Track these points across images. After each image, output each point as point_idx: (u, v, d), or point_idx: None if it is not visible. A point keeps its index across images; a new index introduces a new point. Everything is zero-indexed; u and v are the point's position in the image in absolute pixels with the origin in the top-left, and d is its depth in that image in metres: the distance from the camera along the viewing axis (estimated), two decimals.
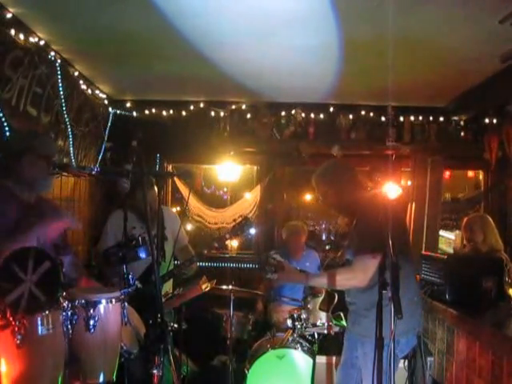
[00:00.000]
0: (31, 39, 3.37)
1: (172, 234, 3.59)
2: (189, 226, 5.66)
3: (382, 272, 2.22)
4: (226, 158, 5.39)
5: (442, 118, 5.26)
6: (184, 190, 5.52)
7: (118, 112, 5.17)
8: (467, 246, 4.26)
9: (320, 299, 3.70)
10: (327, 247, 5.56)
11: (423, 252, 4.37)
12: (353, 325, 2.80)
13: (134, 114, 5.21)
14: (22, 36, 3.25)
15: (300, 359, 3.61)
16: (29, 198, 2.55)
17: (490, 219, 4.28)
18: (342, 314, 2.99)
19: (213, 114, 5.24)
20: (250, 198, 5.60)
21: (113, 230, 3.60)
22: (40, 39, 3.47)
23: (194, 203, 5.54)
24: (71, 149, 4.34)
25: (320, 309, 3.13)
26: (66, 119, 4.12)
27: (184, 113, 5.20)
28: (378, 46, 3.54)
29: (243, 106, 5.25)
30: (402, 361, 3.13)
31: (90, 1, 2.97)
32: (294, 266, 4.55)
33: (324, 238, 6.27)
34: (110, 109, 5.12)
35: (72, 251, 2.76)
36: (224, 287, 3.80)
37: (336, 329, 3.63)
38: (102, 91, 4.83)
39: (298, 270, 3.00)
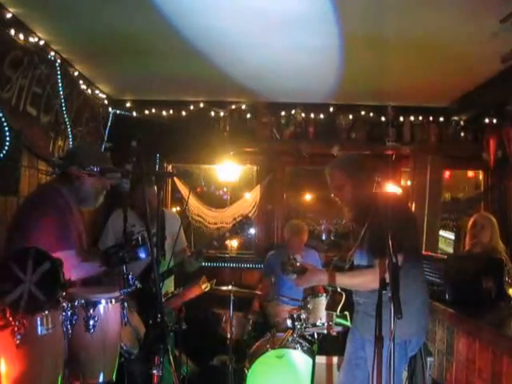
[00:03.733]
0: (31, 39, 3.37)
1: (171, 234, 3.58)
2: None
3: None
4: (225, 158, 5.39)
5: (441, 118, 5.26)
6: (184, 190, 5.51)
7: (118, 112, 5.17)
8: (470, 245, 4.26)
9: (321, 299, 3.67)
10: (327, 247, 5.56)
11: (423, 252, 4.36)
12: (361, 325, 2.78)
13: (134, 114, 5.20)
14: (21, 36, 3.25)
15: (300, 359, 3.62)
16: (77, 208, 2.71)
17: (495, 220, 4.30)
18: (347, 314, 2.97)
19: (213, 114, 5.23)
20: (250, 198, 5.59)
21: (113, 229, 3.61)
22: (40, 39, 3.47)
23: (193, 203, 5.53)
24: None
25: (327, 309, 3.09)
26: (66, 119, 4.12)
27: (184, 113, 5.19)
28: (378, 46, 3.54)
29: (243, 106, 5.24)
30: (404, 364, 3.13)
31: (90, 1, 2.97)
32: None
33: (324, 237, 6.27)
34: (110, 109, 5.12)
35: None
36: (224, 287, 3.80)
37: (337, 329, 3.61)
38: (101, 91, 4.83)
39: (323, 269, 2.93)
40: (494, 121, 5.06)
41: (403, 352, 2.63)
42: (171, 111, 5.20)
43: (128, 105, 5.20)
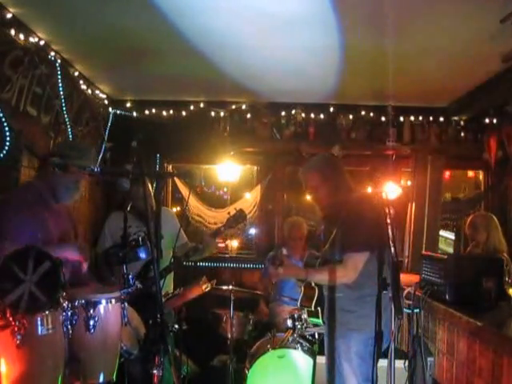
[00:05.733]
0: (31, 39, 3.37)
1: (168, 232, 3.57)
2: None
3: (381, 271, 2.24)
4: (225, 157, 5.39)
5: (442, 118, 5.26)
6: (184, 189, 5.51)
7: (118, 112, 5.16)
8: (471, 246, 4.26)
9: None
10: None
11: (423, 252, 4.36)
12: (335, 320, 2.80)
13: (134, 114, 5.20)
14: (22, 36, 3.25)
15: (300, 359, 3.61)
16: (53, 203, 2.68)
17: (495, 219, 4.28)
18: (319, 310, 2.98)
19: (213, 114, 5.23)
20: (250, 198, 5.59)
21: (110, 232, 3.61)
22: (40, 39, 3.47)
23: (193, 203, 5.54)
24: None
25: (301, 306, 3.10)
26: (66, 119, 4.12)
27: (184, 113, 5.19)
28: (379, 46, 3.54)
29: (243, 106, 5.24)
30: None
31: (90, 1, 2.97)
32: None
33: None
34: (110, 109, 5.11)
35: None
36: (224, 287, 3.80)
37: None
38: (102, 91, 4.83)
39: (298, 265, 2.99)
40: (494, 121, 5.06)
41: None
42: (171, 111, 5.20)
43: (128, 105, 5.20)
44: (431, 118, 5.26)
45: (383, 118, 5.20)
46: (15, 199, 2.63)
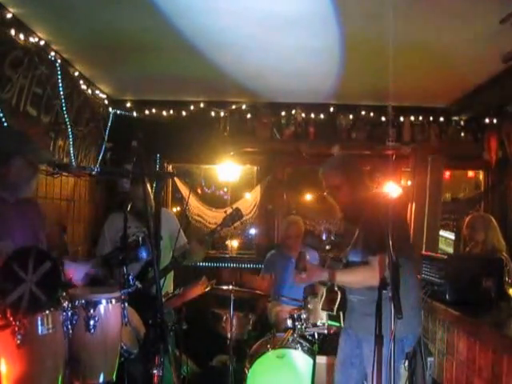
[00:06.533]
0: (31, 39, 3.37)
1: (168, 233, 3.57)
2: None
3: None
4: (225, 158, 5.39)
5: (442, 118, 5.26)
6: (184, 190, 5.51)
7: (118, 112, 5.17)
8: (470, 246, 4.26)
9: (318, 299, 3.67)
10: (327, 247, 5.55)
11: (423, 252, 4.37)
12: (357, 323, 2.78)
13: (134, 114, 5.20)
14: (22, 36, 3.25)
15: (300, 359, 3.62)
16: (9, 197, 2.54)
17: (493, 219, 4.28)
18: (341, 314, 2.96)
19: (213, 114, 5.23)
20: (250, 198, 5.59)
21: (109, 234, 3.60)
22: (40, 39, 3.47)
23: (194, 203, 5.54)
24: (71, 149, 4.34)
25: (323, 309, 3.07)
26: (66, 119, 4.12)
27: (184, 113, 5.19)
28: (379, 46, 3.54)
29: (243, 106, 5.24)
30: (401, 361, 3.14)
31: (90, 1, 2.97)
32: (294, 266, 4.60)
33: (324, 237, 6.26)
34: (110, 109, 5.12)
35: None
36: (224, 287, 3.80)
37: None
38: (102, 91, 4.83)
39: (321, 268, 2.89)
40: (494, 121, 5.07)
41: (400, 349, 2.64)
42: (171, 111, 5.20)
43: (128, 105, 5.20)
44: (431, 118, 5.26)
45: (383, 118, 5.20)
46: None
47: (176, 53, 3.81)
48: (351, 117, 5.25)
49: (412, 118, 5.25)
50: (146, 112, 5.22)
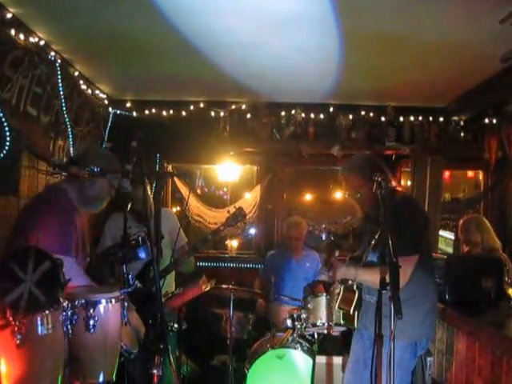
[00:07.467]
0: (31, 39, 3.37)
1: (168, 233, 3.57)
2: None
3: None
4: (225, 157, 5.39)
5: (441, 118, 5.26)
6: (184, 190, 5.51)
7: (118, 112, 5.17)
8: (465, 249, 4.25)
9: (321, 299, 3.63)
10: (327, 247, 5.54)
11: None
12: (372, 324, 2.76)
13: (134, 114, 5.20)
14: (22, 36, 3.25)
15: (300, 359, 3.62)
16: (83, 211, 2.67)
17: (485, 219, 4.28)
18: (355, 315, 2.93)
19: (213, 114, 5.23)
20: (250, 198, 5.59)
21: (111, 233, 3.61)
22: (40, 39, 3.47)
23: (194, 203, 5.54)
24: (71, 149, 4.34)
25: (339, 308, 3.05)
26: (66, 119, 4.12)
27: (184, 113, 5.19)
28: (378, 46, 3.55)
29: (243, 106, 5.24)
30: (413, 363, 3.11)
31: (90, 1, 2.97)
32: (294, 266, 4.61)
33: (324, 238, 6.26)
34: (110, 109, 5.12)
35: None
36: (224, 287, 3.80)
37: (338, 329, 3.58)
38: (102, 91, 4.83)
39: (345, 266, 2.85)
40: (494, 121, 5.07)
41: (413, 352, 2.67)
42: (171, 111, 5.20)
43: (128, 105, 5.20)
44: (431, 118, 5.26)
45: (383, 118, 5.20)
46: (57, 203, 2.55)
47: (176, 53, 3.81)
48: (351, 117, 5.25)
49: (412, 118, 5.25)
50: (146, 112, 5.22)
